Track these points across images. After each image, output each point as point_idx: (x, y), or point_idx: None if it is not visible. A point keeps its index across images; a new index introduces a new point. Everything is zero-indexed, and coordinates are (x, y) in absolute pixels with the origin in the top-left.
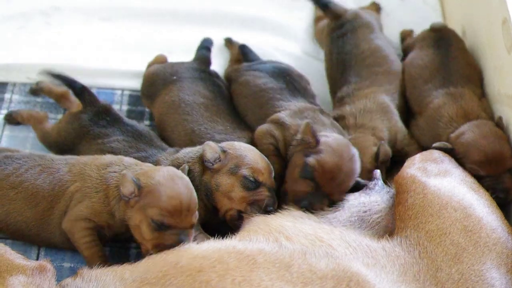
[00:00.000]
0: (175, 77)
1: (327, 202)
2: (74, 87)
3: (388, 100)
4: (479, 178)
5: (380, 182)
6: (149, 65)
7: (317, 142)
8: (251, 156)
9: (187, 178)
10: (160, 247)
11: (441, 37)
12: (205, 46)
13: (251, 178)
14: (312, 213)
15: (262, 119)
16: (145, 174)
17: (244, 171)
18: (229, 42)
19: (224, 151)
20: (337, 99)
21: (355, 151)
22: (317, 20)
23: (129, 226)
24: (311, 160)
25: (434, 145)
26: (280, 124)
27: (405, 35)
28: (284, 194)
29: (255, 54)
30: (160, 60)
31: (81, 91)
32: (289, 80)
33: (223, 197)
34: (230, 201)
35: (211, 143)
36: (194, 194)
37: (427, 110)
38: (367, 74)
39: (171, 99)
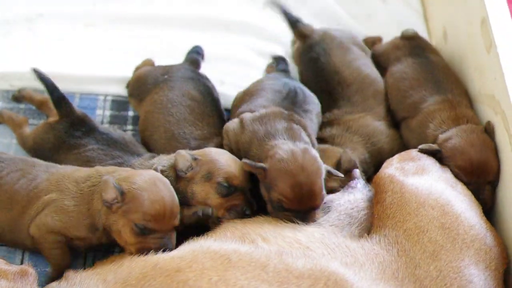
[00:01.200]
0: (166, 76)
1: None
2: (53, 94)
3: (376, 121)
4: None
5: (361, 180)
6: (138, 68)
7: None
8: (223, 160)
9: (168, 181)
10: (144, 251)
11: (416, 45)
12: (196, 51)
13: (225, 184)
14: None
15: None
16: (126, 179)
17: (218, 178)
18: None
19: (195, 159)
20: (326, 121)
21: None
22: (294, 42)
23: (112, 232)
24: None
25: (420, 147)
26: (242, 124)
27: (374, 41)
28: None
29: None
30: (149, 63)
31: (59, 101)
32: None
33: (199, 206)
34: None
35: (182, 151)
36: (176, 197)
37: (421, 113)
38: (358, 100)
39: (160, 98)
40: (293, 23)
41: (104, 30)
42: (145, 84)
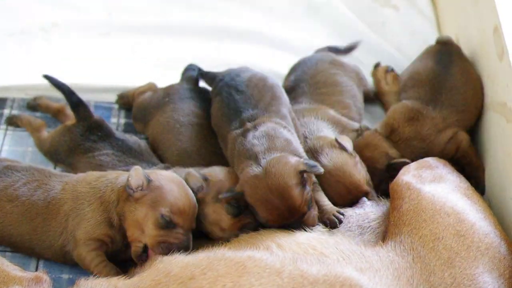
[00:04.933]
0: (167, 99)
1: None
2: (71, 99)
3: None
4: None
5: (369, 202)
6: (141, 92)
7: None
8: (231, 180)
9: None
10: (164, 245)
11: (445, 51)
12: (191, 68)
13: (235, 204)
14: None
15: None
16: (153, 172)
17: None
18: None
19: (206, 179)
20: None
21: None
22: None
23: (125, 222)
24: None
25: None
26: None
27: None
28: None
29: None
30: (152, 87)
31: (77, 105)
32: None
33: (213, 227)
34: (221, 231)
35: (193, 172)
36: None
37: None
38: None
39: (166, 120)
40: None
41: (119, 40)
42: (147, 108)
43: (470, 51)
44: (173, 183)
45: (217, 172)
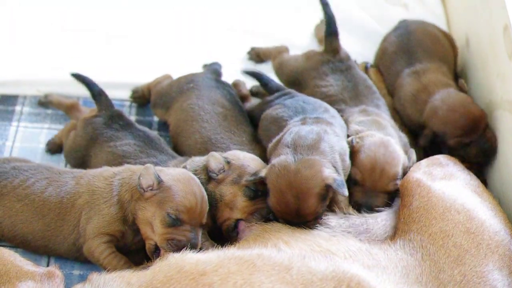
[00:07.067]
0: (191, 85)
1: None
2: (92, 89)
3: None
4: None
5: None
6: (158, 82)
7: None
8: (253, 166)
9: (198, 179)
10: (172, 243)
11: (399, 26)
12: (216, 63)
13: (253, 188)
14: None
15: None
16: (163, 171)
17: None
18: None
19: (228, 162)
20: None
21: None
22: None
23: (137, 219)
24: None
25: None
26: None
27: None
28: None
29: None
30: (168, 78)
31: (99, 94)
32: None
33: (225, 207)
34: (231, 211)
35: (215, 153)
36: (205, 194)
37: (396, 91)
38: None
39: (190, 106)
40: (335, 33)
41: (128, 39)
42: (169, 93)
43: (480, 50)
44: (181, 182)
45: (239, 157)
